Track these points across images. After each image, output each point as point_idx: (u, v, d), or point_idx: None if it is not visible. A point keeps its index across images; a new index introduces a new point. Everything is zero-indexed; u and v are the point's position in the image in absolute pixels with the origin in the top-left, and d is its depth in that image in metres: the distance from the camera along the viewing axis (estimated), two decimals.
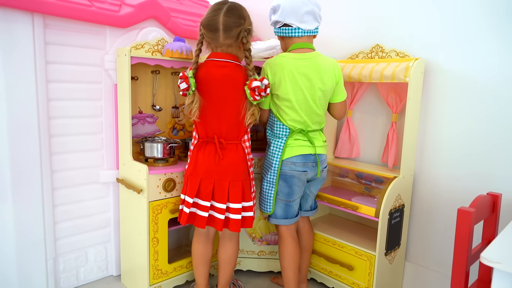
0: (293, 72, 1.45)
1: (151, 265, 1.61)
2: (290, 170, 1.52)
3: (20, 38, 1.43)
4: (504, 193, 1.44)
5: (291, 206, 1.57)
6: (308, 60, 1.48)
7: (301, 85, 1.46)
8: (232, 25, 1.39)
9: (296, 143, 1.52)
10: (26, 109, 1.48)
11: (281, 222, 1.57)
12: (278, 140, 1.53)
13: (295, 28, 1.46)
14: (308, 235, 1.71)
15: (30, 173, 1.52)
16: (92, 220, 1.76)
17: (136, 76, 1.76)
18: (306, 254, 1.71)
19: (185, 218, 1.47)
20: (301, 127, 1.52)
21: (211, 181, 1.44)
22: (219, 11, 1.39)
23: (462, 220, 1.09)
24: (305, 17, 1.45)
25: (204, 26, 1.42)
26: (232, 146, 1.47)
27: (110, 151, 1.75)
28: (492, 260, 0.84)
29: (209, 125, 1.46)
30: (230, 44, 1.42)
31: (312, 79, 1.47)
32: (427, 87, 1.67)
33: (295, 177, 1.52)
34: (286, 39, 1.52)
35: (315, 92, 1.48)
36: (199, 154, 1.47)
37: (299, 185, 1.55)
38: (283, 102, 1.49)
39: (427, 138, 1.69)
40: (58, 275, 1.68)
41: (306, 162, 1.52)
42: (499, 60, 1.47)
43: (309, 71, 1.46)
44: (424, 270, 1.73)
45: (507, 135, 1.46)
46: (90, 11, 1.54)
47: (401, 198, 1.64)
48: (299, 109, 1.49)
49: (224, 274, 1.59)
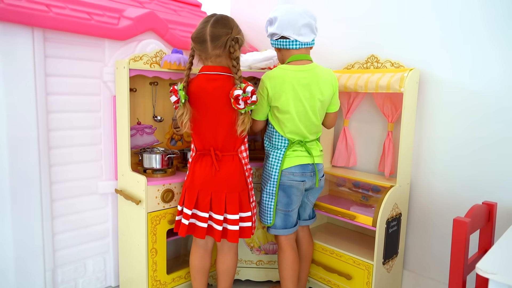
0: (293, 84, 1.47)
1: (149, 276, 1.61)
2: (289, 180, 1.53)
3: (21, 52, 1.45)
4: (500, 202, 1.46)
5: (290, 216, 1.58)
6: (308, 72, 1.50)
7: (301, 97, 1.48)
8: (219, 34, 1.41)
9: (295, 153, 1.54)
10: (26, 121, 1.49)
11: (281, 232, 1.58)
12: (276, 151, 1.55)
13: (292, 41, 1.49)
14: (308, 245, 1.72)
15: (29, 184, 1.52)
16: (91, 231, 1.77)
17: (134, 88, 1.78)
18: (306, 263, 1.72)
19: (185, 230, 1.48)
20: (299, 138, 1.54)
21: (208, 192, 1.46)
22: (206, 23, 1.43)
23: (458, 230, 1.10)
24: (302, 30, 1.48)
25: (193, 39, 1.46)
26: (228, 158, 1.48)
27: (109, 162, 1.76)
28: (487, 271, 0.86)
29: (205, 138, 1.48)
30: (219, 54, 1.43)
31: (313, 90, 1.49)
32: (422, 97, 1.69)
33: (294, 187, 1.54)
34: (284, 51, 1.54)
35: (315, 103, 1.51)
36: (196, 166, 1.49)
37: (298, 195, 1.57)
38: (283, 114, 1.50)
39: (423, 147, 1.70)
40: (57, 287, 1.68)
41: (305, 172, 1.54)
42: (494, 69, 1.49)
43: (309, 82, 1.49)
44: (422, 279, 1.73)
45: (502, 144, 1.48)
46: (89, 24, 1.57)
47: (398, 207, 1.65)
48: (299, 121, 1.51)
49: (223, 285, 1.59)
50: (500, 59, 1.47)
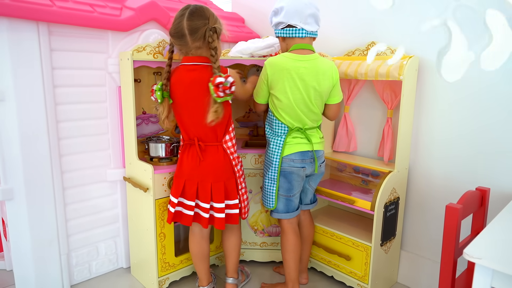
0: (291, 72, 1.51)
1: (159, 259, 1.70)
2: (289, 166, 1.60)
3: (27, 46, 1.48)
4: (493, 187, 1.51)
5: (291, 201, 1.64)
6: (308, 62, 1.53)
7: (299, 85, 1.52)
8: (196, 27, 1.41)
9: (294, 140, 1.59)
10: (35, 114, 1.55)
11: (283, 216, 1.65)
12: (277, 138, 1.60)
13: (299, 29, 1.51)
14: (309, 228, 1.80)
15: (41, 174, 1.59)
16: (102, 217, 1.85)
17: (139, 78, 1.82)
18: (307, 245, 1.80)
19: (171, 217, 1.56)
20: (298, 125, 1.59)
21: (195, 182, 1.52)
22: (182, 17, 1.43)
23: (450, 216, 1.16)
24: (308, 19, 1.51)
25: (172, 35, 1.47)
26: (212, 148, 1.52)
27: (117, 151, 1.82)
28: (474, 255, 0.91)
29: (188, 129, 1.52)
30: (199, 46, 1.45)
31: (308, 79, 1.53)
32: (421, 84, 1.71)
33: (294, 173, 1.60)
34: (288, 40, 1.57)
35: (310, 91, 1.54)
36: (184, 156, 1.54)
37: (298, 181, 1.63)
38: (282, 101, 1.55)
39: (421, 134, 1.74)
40: (72, 269, 1.78)
41: (304, 158, 1.60)
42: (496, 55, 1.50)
43: (307, 72, 1.52)
44: (419, 258, 1.81)
45: (499, 131, 1.52)
46: (93, 17, 1.59)
47: (396, 191, 1.71)
48: (297, 107, 1.55)
49: (231, 262, 1.71)
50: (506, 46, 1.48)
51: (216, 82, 1.36)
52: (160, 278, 1.72)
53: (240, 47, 1.88)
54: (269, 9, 2.31)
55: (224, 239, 1.70)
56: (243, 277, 1.86)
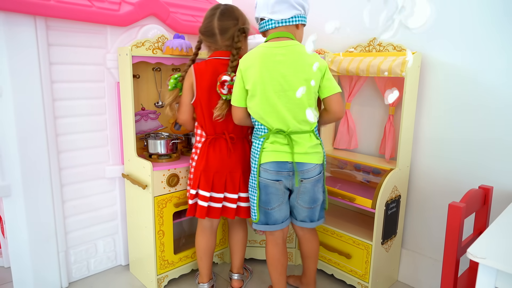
0: (266, 61, 1.33)
1: (157, 256, 1.69)
2: (264, 178, 1.40)
3: (24, 41, 1.46)
4: (496, 185, 1.49)
5: (270, 214, 1.45)
6: (285, 48, 1.34)
7: (276, 74, 1.32)
8: (227, 27, 1.48)
9: (271, 147, 1.37)
10: (33, 109, 1.53)
11: (261, 227, 1.47)
12: (256, 142, 1.42)
13: (268, 20, 1.38)
14: (308, 243, 1.58)
15: (39, 170, 1.58)
16: (100, 214, 1.83)
17: (137, 74, 1.80)
18: (309, 260, 1.62)
19: (204, 212, 1.53)
20: (279, 126, 1.35)
21: (224, 174, 1.53)
22: (213, 16, 1.48)
23: (453, 215, 1.14)
24: (276, 7, 1.34)
25: (202, 33, 1.53)
26: (240, 141, 1.56)
27: (115, 147, 1.80)
28: (478, 255, 0.90)
29: (216, 122, 1.51)
30: (230, 44, 1.51)
31: (291, 67, 1.33)
32: (423, 81, 1.69)
33: (269, 186, 1.40)
34: (265, 34, 1.43)
35: (292, 80, 1.33)
36: (209, 150, 1.53)
37: (278, 194, 1.41)
38: (256, 95, 1.35)
39: (423, 131, 1.72)
40: (70, 266, 1.77)
41: (280, 171, 1.37)
42: (498, 54, 1.48)
43: (286, 59, 1.33)
44: (419, 256, 1.80)
45: (501, 129, 1.50)
46: (91, 11, 1.57)
47: (397, 189, 1.70)
48: (278, 101, 1.33)
49: (238, 257, 1.71)
50: (502, 44, 1.46)
51: (222, 79, 1.42)
52: (159, 275, 1.71)
53: None
54: None
55: (232, 234, 1.70)
56: (247, 274, 1.86)
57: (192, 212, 1.57)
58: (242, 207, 1.57)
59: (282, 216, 1.46)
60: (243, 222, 1.70)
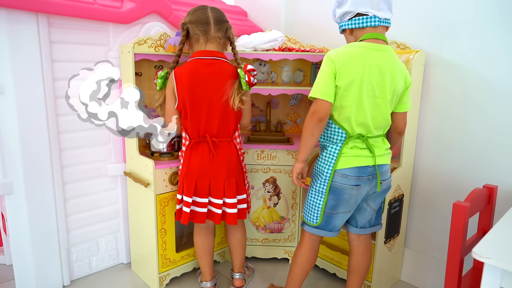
0: (364, 64, 1.24)
1: (159, 255, 1.68)
2: (341, 183, 1.30)
3: (26, 38, 1.46)
4: (500, 185, 1.48)
5: (333, 218, 1.36)
6: (383, 53, 1.26)
7: (372, 80, 1.25)
8: (221, 19, 1.50)
9: (352, 152, 1.30)
10: (35, 107, 1.52)
11: (316, 231, 1.39)
12: (332, 146, 1.32)
13: (371, 17, 1.25)
14: (360, 257, 1.45)
15: (41, 169, 1.57)
16: (102, 212, 1.83)
17: (139, 72, 1.79)
18: (355, 276, 1.46)
19: (187, 217, 1.52)
20: (360, 131, 1.29)
21: (207, 179, 1.50)
22: (205, 9, 1.50)
23: (457, 214, 1.13)
24: (381, 4, 1.25)
25: (193, 22, 1.48)
26: (224, 144, 1.52)
27: (117, 145, 1.80)
28: (483, 255, 0.89)
29: (200, 125, 1.49)
30: (220, 37, 1.49)
31: (385, 75, 1.26)
32: (427, 79, 1.68)
33: (345, 191, 1.31)
34: (357, 32, 1.30)
35: (384, 88, 1.26)
36: (192, 154, 1.51)
37: (349, 200, 1.33)
38: (349, 96, 1.25)
39: (426, 130, 1.71)
40: (72, 264, 1.76)
41: (361, 176, 1.30)
42: (502, 52, 1.47)
43: (383, 64, 1.25)
44: (422, 256, 1.79)
45: (505, 128, 1.49)
46: (93, 8, 1.56)
47: (401, 188, 1.69)
48: (368, 106, 1.26)
49: (238, 257, 1.70)
50: (508, 42, 1.45)
51: (248, 68, 1.45)
52: (160, 274, 1.71)
53: (243, 41, 1.86)
54: (271, 2, 2.29)
55: (230, 235, 1.69)
56: (249, 272, 1.86)
57: (178, 217, 1.56)
58: (228, 213, 1.53)
59: (341, 223, 1.39)
60: (240, 223, 1.67)
